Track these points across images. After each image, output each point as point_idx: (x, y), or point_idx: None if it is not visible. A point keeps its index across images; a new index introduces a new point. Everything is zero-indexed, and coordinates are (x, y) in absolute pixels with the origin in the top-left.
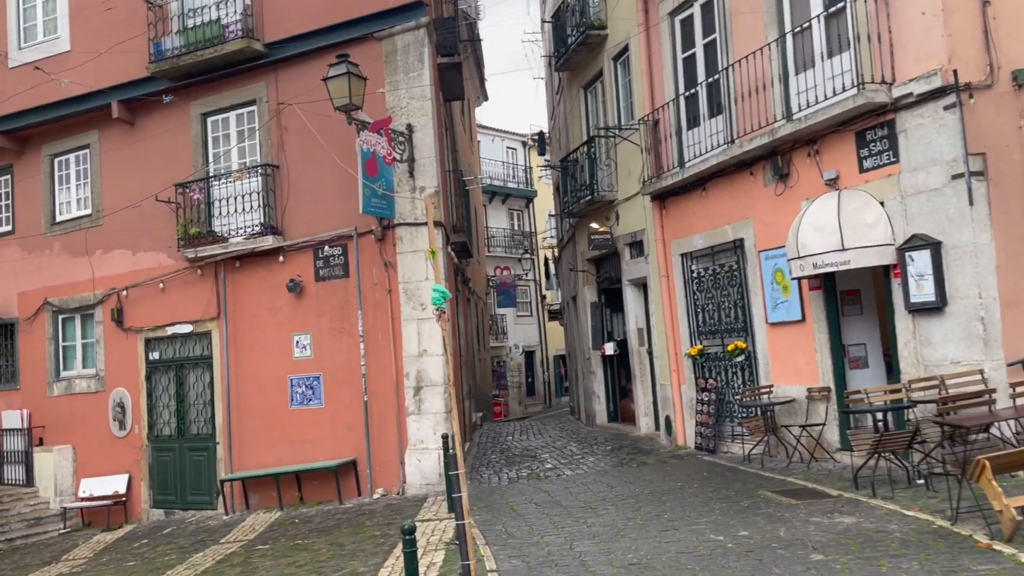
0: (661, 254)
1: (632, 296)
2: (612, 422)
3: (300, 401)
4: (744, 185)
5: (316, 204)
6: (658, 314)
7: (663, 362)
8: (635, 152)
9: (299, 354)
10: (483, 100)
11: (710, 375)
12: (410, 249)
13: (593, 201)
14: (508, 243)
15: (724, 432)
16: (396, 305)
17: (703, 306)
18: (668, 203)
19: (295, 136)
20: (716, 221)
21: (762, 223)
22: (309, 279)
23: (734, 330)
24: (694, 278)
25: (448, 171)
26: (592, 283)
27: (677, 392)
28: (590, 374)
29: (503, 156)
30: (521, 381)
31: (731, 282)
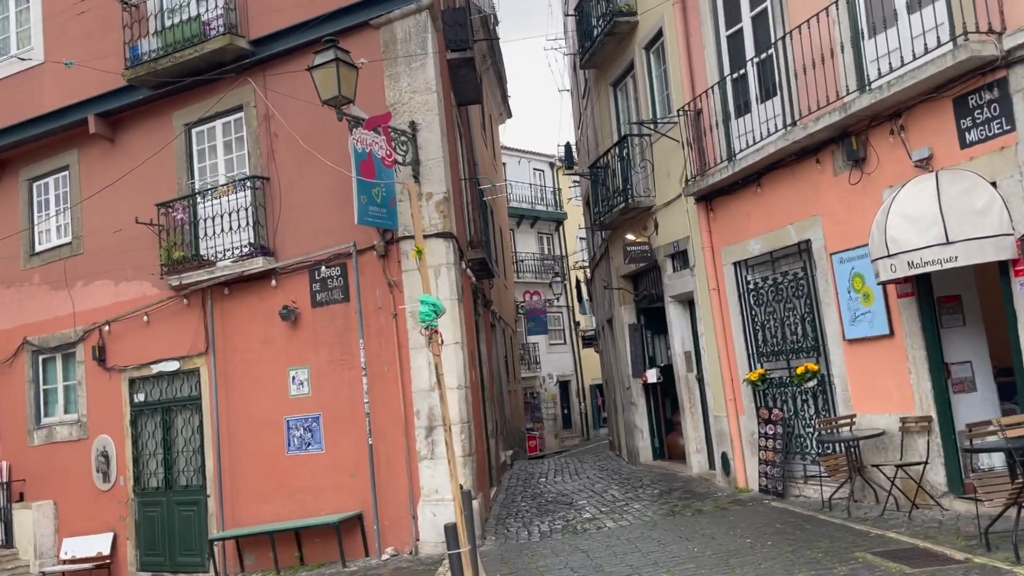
0: (710, 264)
1: (676, 315)
2: (658, 459)
3: (298, 446)
4: (809, 176)
5: (311, 218)
6: (708, 335)
7: (716, 390)
8: (674, 149)
9: (296, 391)
10: (506, 117)
11: (774, 404)
12: (417, 266)
13: (627, 209)
14: (538, 268)
15: (795, 471)
16: (403, 332)
17: (763, 323)
18: (715, 204)
19: (286, 144)
20: (775, 221)
21: (833, 220)
22: (305, 305)
23: (802, 350)
24: (750, 290)
25: (464, 179)
26: (629, 302)
27: (735, 425)
28: (630, 406)
29: (530, 178)
30: (556, 413)
31: (797, 293)
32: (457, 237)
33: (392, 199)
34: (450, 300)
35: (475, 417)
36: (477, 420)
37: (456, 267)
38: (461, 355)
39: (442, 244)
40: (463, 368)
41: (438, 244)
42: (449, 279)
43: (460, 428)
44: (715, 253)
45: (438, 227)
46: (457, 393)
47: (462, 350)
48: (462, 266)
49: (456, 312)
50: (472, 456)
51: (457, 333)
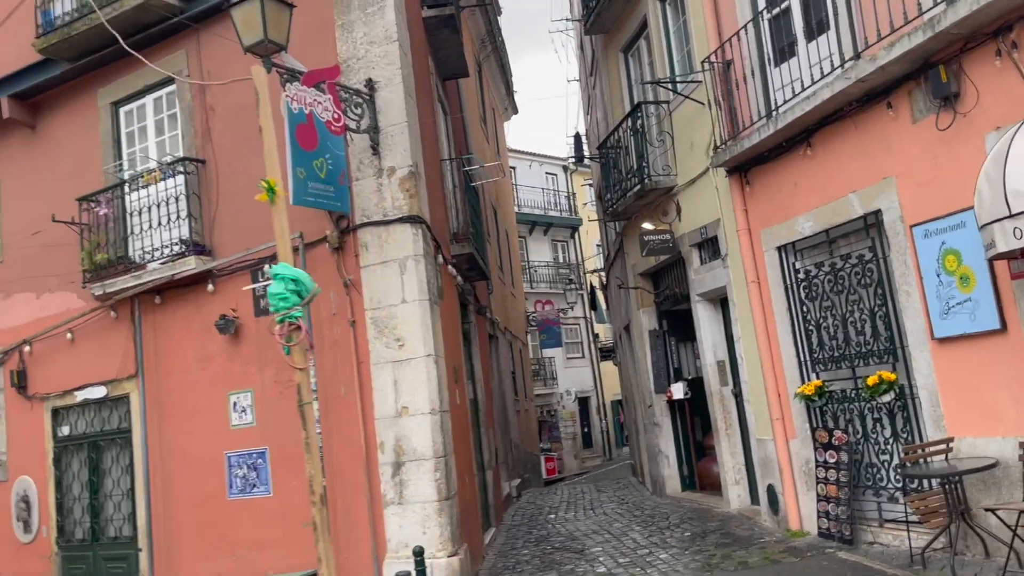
0: (747, 251)
1: (706, 317)
2: (687, 490)
3: (241, 488)
4: (877, 126)
5: (255, 209)
6: (747, 339)
7: (759, 408)
8: (697, 115)
9: (238, 420)
10: (512, 113)
11: (836, 424)
12: (379, 260)
13: (644, 192)
14: (553, 277)
15: (866, 511)
16: (363, 343)
17: (818, 322)
18: (752, 176)
19: (225, 118)
20: (832, 190)
21: (913, 181)
22: (247, 314)
23: (873, 354)
24: (800, 281)
25: (448, 159)
26: (649, 305)
27: (784, 451)
28: (653, 427)
29: (543, 183)
30: (576, 432)
31: (863, 280)
32: (430, 224)
33: (342, 174)
34: (418, 301)
35: (459, 448)
36: (462, 452)
37: (429, 261)
38: (435, 371)
39: (408, 231)
40: (437, 387)
41: (403, 231)
42: (417, 275)
43: (434, 464)
44: (753, 237)
45: (403, 209)
46: (429, 420)
47: (436, 364)
48: (438, 260)
49: (427, 316)
50: (452, 499)
51: (429, 343)
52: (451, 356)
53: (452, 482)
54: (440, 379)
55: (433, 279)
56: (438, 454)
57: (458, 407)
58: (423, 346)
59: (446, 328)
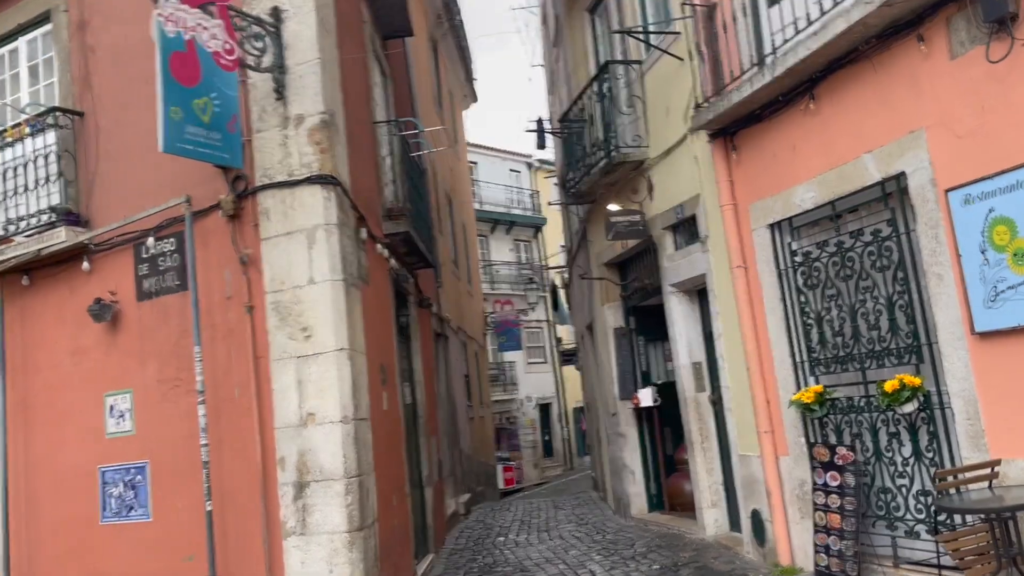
0: (731, 230)
1: (681, 311)
2: (655, 511)
3: (116, 510)
4: (902, 67)
5: (141, 170)
6: (730, 336)
7: (743, 418)
8: (675, 74)
9: (115, 428)
10: (471, 100)
11: (840, 439)
12: (283, 230)
13: (611, 166)
14: (515, 278)
15: (878, 548)
16: (261, 334)
17: (819, 314)
18: (740, 139)
19: (109, 62)
20: (841, 151)
21: (949, 133)
22: (128, 297)
23: (889, 353)
24: (797, 265)
25: (386, 123)
26: (615, 299)
27: (772, 470)
28: (617, 437)
29: (505, 179)
30: (536, 440)
31: (879, 261)
32: (351, 190)
33: (233, 119)
34: (330, 282)
35: (385, 464)
36: (390, 468)
37: (346, 234)
38: (348, 369)
39: (318, 194)
40: (351, 389)
41: (312, 194)
42: (329, 249)
43: (344, 486)
44: (740, 214)
45: (312, 167)
46: (340, 431)
47: (350, 361)
48: (361, 235)
49: (339, 301)
50: (368, 529)
51: (342, 333)
52: (377, 352)
53: (370, 507)
54: (356, 379)
55: (352, 256)
56: (350, 473)
57: (386, 414)
58: (334, 338)
59: (371, 318)
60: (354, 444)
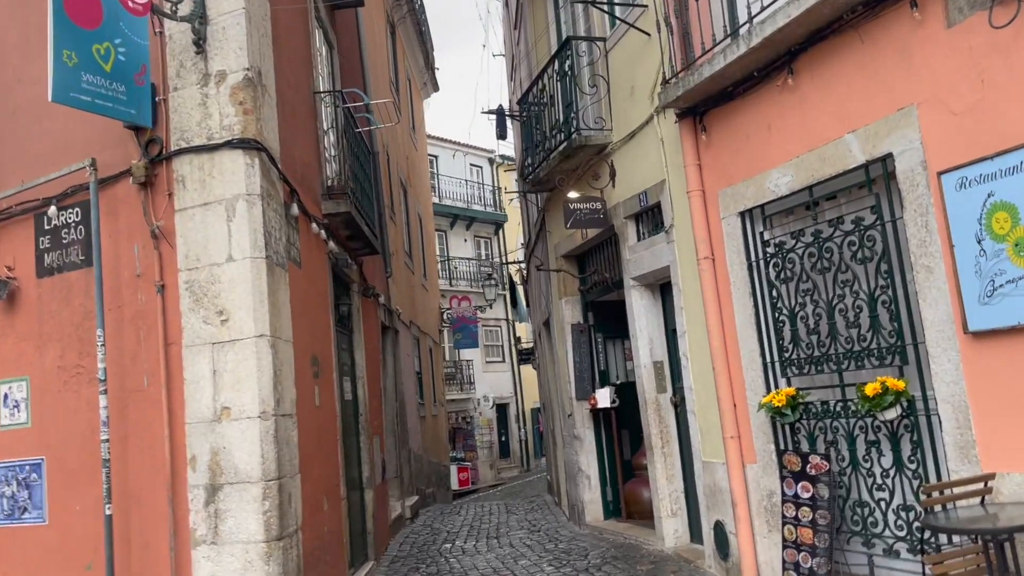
0: (699, 218)
1: (643, 306)
2: (612, 518)
3: (9, 511)
4: (892, 37)
5: (45, 129)
6: (695, 333)
7: (708, 422)
8: (641, 50)
9: (8, 419)
10: (432, 89)
11: (814, 447)
12: (200, 200)
13: (571, 150)
14: (474, 275)
15: (853, 566)
16: (174, 317)
17: (792, 310)
18: (711, 119)
19: (5, 8)
20: (821, 131)
21: (944, 110)
22: (27, 273)
23: (870, 354)
24: (770, 256)
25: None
26: (573, 293)
27: (739, 478)
28: (573, 440)
29: (466, 174)
30: (493, 440)
31: (861, 252)
32: (280, 158)
33: (142, 70)
34: (250, 260)
35: (316, 465)
36: (322, 469)
37: (273, 207)
38: (269, 358)
39: (240, 161)
40: (272, 381)
41: (233, 160)
42: (251, 223)
43: (262, 490)
44: (708, 201)
45: (234, 130)
46: (258, 427)
47: (272, 349)
48: (292, 211)
49: (261, 281)
50: (289, 538)
51: (263, 318)
52: (309, 341)
53: (292, 514)
54: (279, 370)
55: (279, 233)
56: (269, 475)
57: (318, 410)
58: (253, 323)
59: (302, 303)
60: (274, 443)
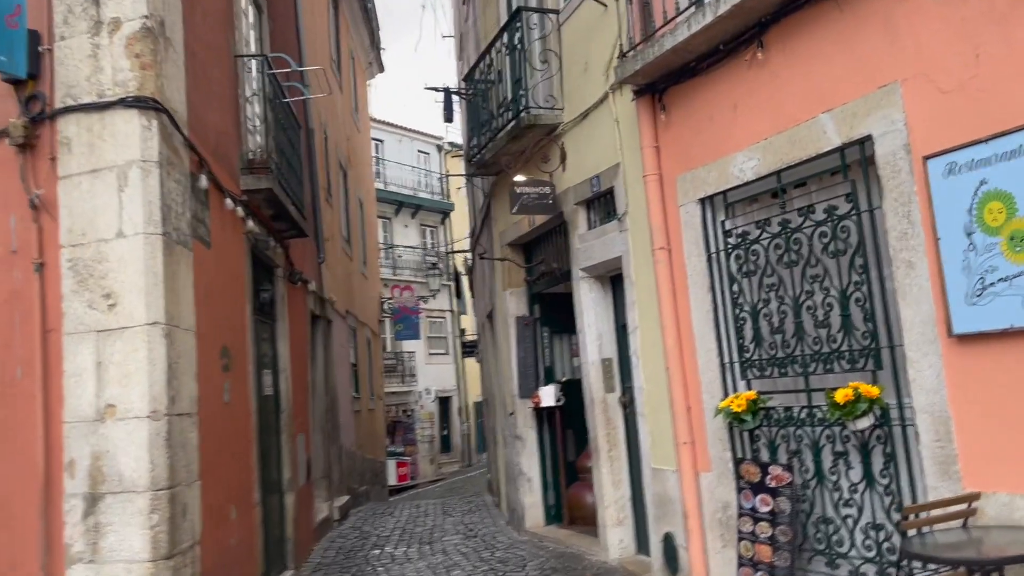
0: (656, 205)
1: (592, 299)
2: (553, 523)
3: None
4: (876, 7)
5: None
6: (648, 329)
7: (659, 425)
8: (597, 23)
9: None
10: (377, 70)
11: (775, 457)
12: (89, 167)
13: (519, 129)
14: (419, 265)
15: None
16: (54, 299)
17: (755, 307)
18: (671, 97)
19: None
20: (791, 110)
21: (932, 87)
22: None
23: (840, 356)
24: (731, 247)
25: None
26: (519, 284)
27: (692, 488)
28: (514, 440)
29: (413, 160)
30: (434, 435)
31: (833, 245)
32: (185, 124)
33: (16, 11)
34: (144, 236)
35: (217, 471)
36: (227, 475)
37: (175, 177)
38: (163, 349)
39: (135, 121)
40: (166, 376)
41: (127, 121)
42: (145, 193)
43: (150, 501)
44: (666, 186)
45: (128, 86)
46: (148, 429)
47: (167, 340)
48: (200, 183)
49: (156, 261)
50: (183, 555)
51: (158, 303)
52: (218, 330)
53: (187, 527)
54: (176, 363)
55: (181, 206)
56: (159, 484)
57: (227, 408)
58: (146, 308)
59: (210, 287)
60: (166, 446)
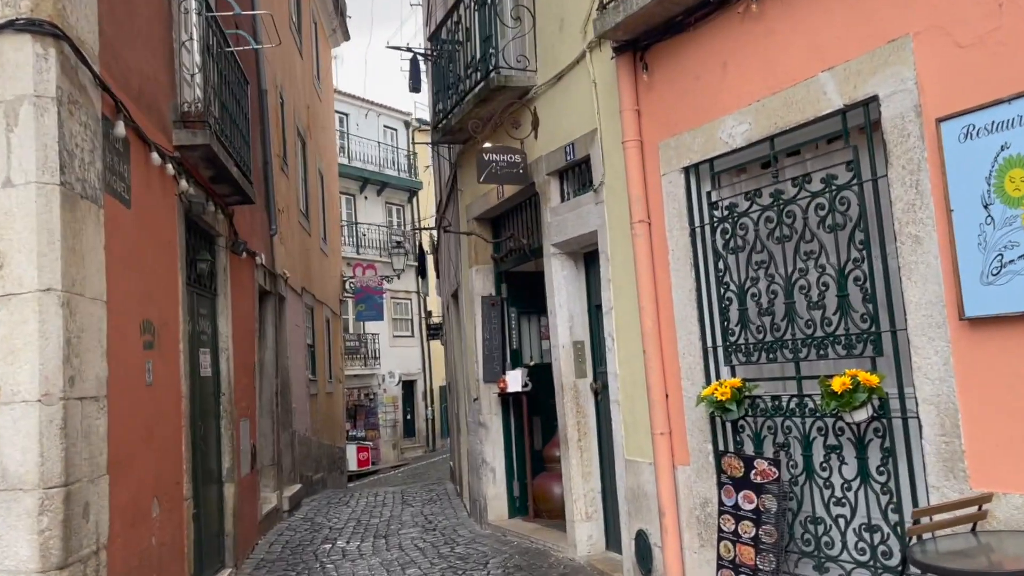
0: (636, 174)
1: (564, 277)
2: (517, 516)
3: None
4: None
5: None
6: (624, 310)
7: (633, 414)
8: None
9: None
10: (342, 37)
11: (760, 450)
12: None
13: (488, 91)
14: (385, 244)
15: None
16: None
17: (742, 285)
18: (654, 56)
19: None
20: (788, 69)
21: (948, 41)
22: None
23: (836, 341)
24: (717, 221)
25: None
26: (486, 261)
27: (668, 482)
28: (478, 427)
29: (380, 136)
30: (397, 419)
31: (831, 218)
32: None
33: None
34: (37, 185)
35: (137, 463)
36: (149, 467)
37: (79, 119)
38: (59, 320)
39: (28, 48)
40: (62, 352)
41: (18, 47)
42: (40, 134)
43: (39, 500)
44: (647, 153)
45: (20, 6)
46: (36, 414)
47: (65, 309)
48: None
49: (52, 215)
50: (83, 563)
51: (52, 267)
52: (138, 302)
53: (90, 530)
54: (76, 338)
55: (89, 154)
56: (51, 480)
57: (150, 390)
58: (38, 272)
59: (129, 251)
60: (61, 436)
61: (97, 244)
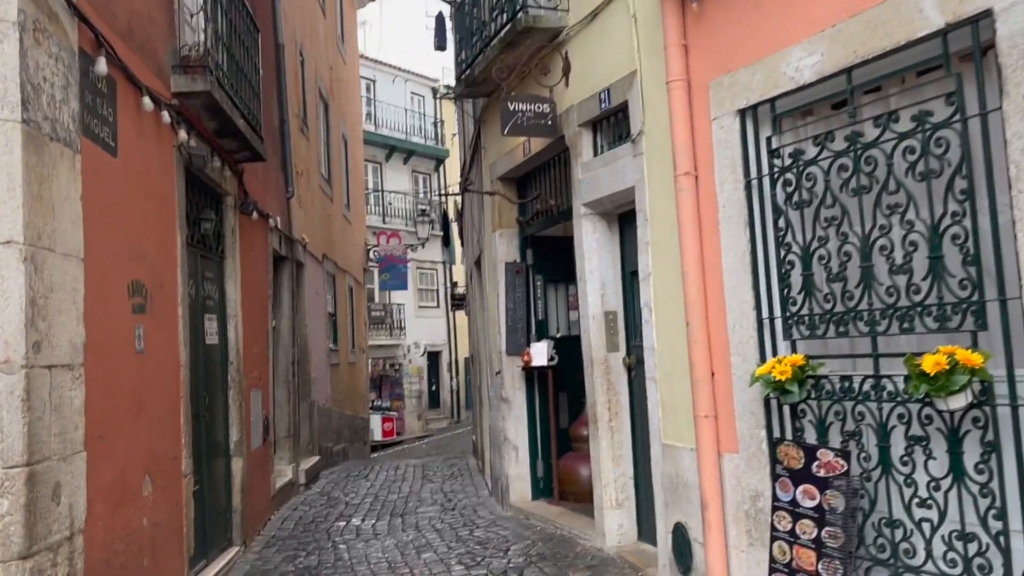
0: (681, 119)
1: (595, 240)
2: (541, 498)
3: None
4: None
5: None
6: (665, 276)
7: (673, 393)
8: None
9: None
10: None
11: (825, 439)
12: None
13: (515, 34)
14: (411, 213)
15: None
16: None
17: (807, 247)
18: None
19: None
20: None
21: None
22: None
23: (927, 312)
24: (779, 171)
25: None
26: (510, 225)
27: (713, 471)
28: (500, 403)
29: (407, 103)
30: (422, 390)
31: (923, 165)
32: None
33: None
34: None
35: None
36: (137, 443)
37: (47, 49)
38: (21, 277)
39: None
40: (26, 313)
41: None
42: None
43: None
44: (694, 94)
45: None
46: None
47: (31, 265)
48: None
49: (14, 158)
50: (51, 553)
51: (14, 216)
52: (126, 260)
53: (62, 514)
54: (44, 298)
55: (61, 90)
56: (11, 459)
57: (140, 358)
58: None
59: (115, 204)
60: (23, 408)
61: (72, 193)
